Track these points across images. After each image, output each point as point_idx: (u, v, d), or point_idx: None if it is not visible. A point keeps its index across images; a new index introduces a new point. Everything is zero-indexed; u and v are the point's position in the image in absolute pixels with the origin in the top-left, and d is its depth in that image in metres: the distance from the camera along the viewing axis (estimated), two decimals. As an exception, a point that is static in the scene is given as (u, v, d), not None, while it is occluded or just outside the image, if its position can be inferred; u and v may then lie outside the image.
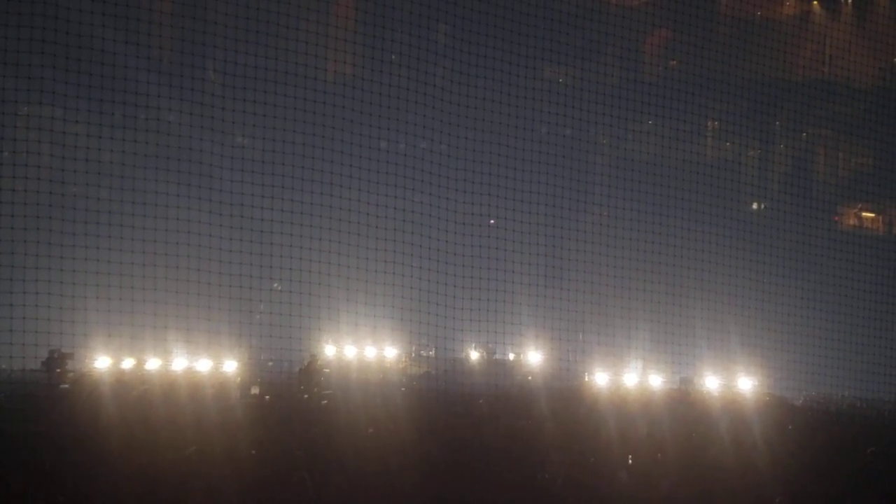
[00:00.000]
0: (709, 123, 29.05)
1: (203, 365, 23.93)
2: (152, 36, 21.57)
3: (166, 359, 23.74)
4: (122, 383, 22.76)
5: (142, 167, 21.46)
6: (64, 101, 20.13)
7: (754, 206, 30.25)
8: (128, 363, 23.62)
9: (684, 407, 24.72)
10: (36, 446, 17.23)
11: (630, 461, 20.11)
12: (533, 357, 28.06)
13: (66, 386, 22.28)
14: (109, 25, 20.78)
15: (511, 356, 28.33)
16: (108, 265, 20.02)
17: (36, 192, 19.46)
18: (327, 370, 25.28)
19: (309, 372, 23.95)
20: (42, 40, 19.64)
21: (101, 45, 20.76)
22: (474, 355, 27.99)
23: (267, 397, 23.33)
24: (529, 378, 27.93)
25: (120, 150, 20.73)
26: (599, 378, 25.92)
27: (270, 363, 24.88)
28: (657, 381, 26.23)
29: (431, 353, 27.67)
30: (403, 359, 27.58)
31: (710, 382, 26.35)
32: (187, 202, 21.10)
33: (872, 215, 32.26)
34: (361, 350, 26.96)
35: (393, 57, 24.10)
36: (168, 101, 21.43)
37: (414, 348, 27.81)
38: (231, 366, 24.23)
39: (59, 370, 22.23)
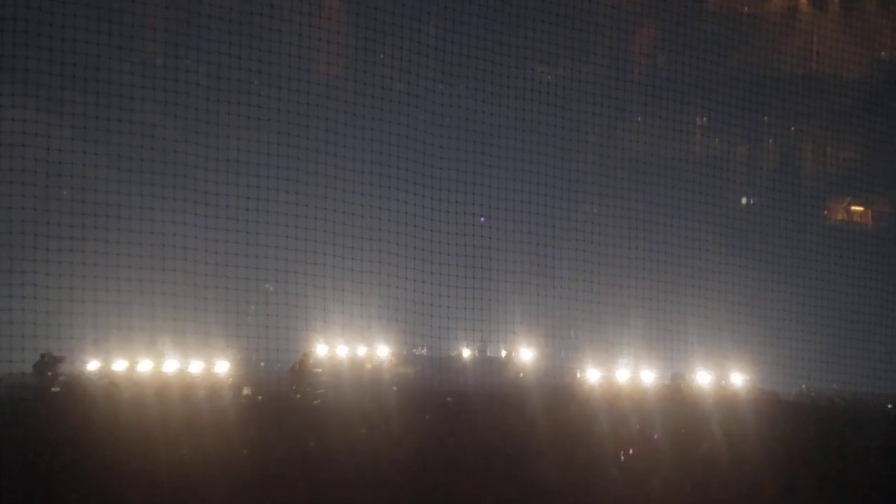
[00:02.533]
0: (697, 119, 29.07)
1: (195, 366, 23.95)
2: (135, 38, 21.57)
3: (158, 360, 23.76)
4: (114, 385, 22.81)
5: (127, 170, 21.49)
6: (48, 105, 20.15)
7: (743, 201, 30.28)
8: (119, 365, 23.63)
9: (676, 402, 24.79)
10: (28, 449, 17.29)
11: (622, 457, 20.18)
12: (525, 354, 28.08)
13: (58, 389, 22.33)
14: (93, 28, 20.80)
15: (503, 354, 28.34)
16: (95, 268, 20.06)
17: (21, 196, 19.49)
18: (319, 370, 25.31)
19: (301, 372, 24.00)
20: (25, 44, 19.70)
21: (86, 49, 20.78)
22: (466, 353, 28.01)
23: (259, 398, 23.38)
24: (521, 375, 27.96)
25: (105, 154, 20.74)
26: (591, 374, 25.97)
27: (262, 363, 24.92)
28: (649, 377, 26.28)
29: (423, 351, 27.70)
30: (395, 357, 27.59)
31: (702, 378, 26.41)
32: (172, 204, 21.12)
33: (861, 209, 32.30)
34: (353, 349, 26.98)
35: (381, 56, 24.12)
36: (153, 103, 21.45)
37: (405, 347, 27.83)
38: (223, 367, 24.24)
39: (50, 373, 22.26)
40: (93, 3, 20.53)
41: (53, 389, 22.18)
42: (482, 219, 24.70)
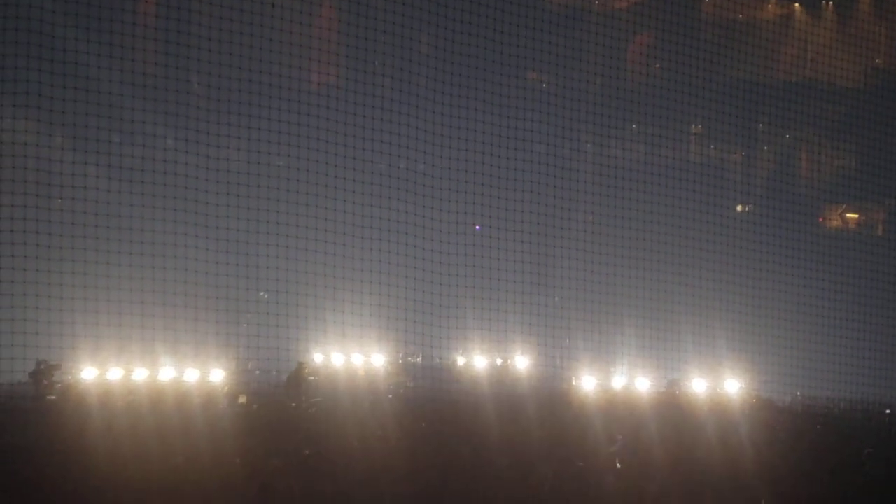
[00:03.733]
0: (692, 127, 29.16)
1: (190, 374, 23.90)
2: (136, 49, 21.62)
3: (153, 369, 23.72)
4: (110, 394, 22.78)
5: (127, 180, 21.52)
6: (50, 116, 20.16)
7: (739, 208, 30.38)
8: (115, 373, 23.60)
9: (672, 410, 24.82)
10: (24, 458, 17.28)
11: (618, 465, 20.21)
12: (520, 362, 28.09)
13: (53, 397, 22.30)
14: (95, 41, 20.83)
15: (498, 361, 28.35)
16: (95, 279, 20.08)
17: (23, 207, 19.52)
18: (314, 378, 25.28)
19: (296, 380, 23.98)
20: (28, 55, 19.72)
21: (87, 61, 20.81)
22: (461, 361, 28.00)
23: (255, 406, 23.38)
24: (517, 383, 27.96)
25: (106, 164, 20.77)
26: (587, 382, 25.98)
27: (258, 372, 24.91)
28: (645, 384, 26.30)
29: (418, 359, 27.69)
30: (390, 366, 27.58)
31: (698, 385, 26.43)
32: (173, 215, 21.13)
33: (856, 216, 32.41)
34: (349, 357, 26.97)
35: (376, 65, 24.16)
36: (154, 115, 21.49)
37: (401, 355, 27.82)
38: (218, 375, 24.21)
39: (45, 381, 22.24)
40: (92, 14, 20.56)
41: (49, 397, 22.16)
42: (477, 227, 24.72)
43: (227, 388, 24.07)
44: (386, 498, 17.56)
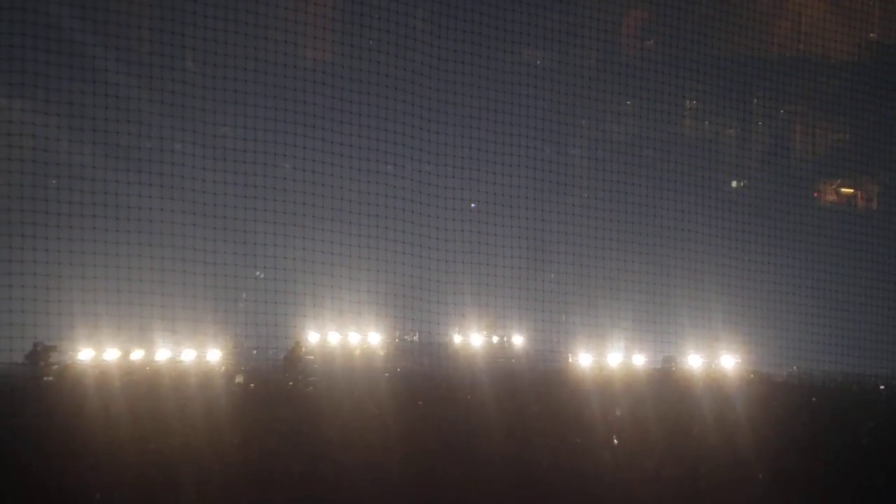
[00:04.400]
0: (686, 103, 29.10)
1: (187, 355, 23.90)
2: (126, 24, 21.50)
3: (150, 349, 23.71)
4: (107, 374, 22.75)
5: (124, 158, 21.46)
6: (46, 95, 20.07)
7: (734, 183, 30.37)
8: (112, 354, 23.56)
9: (668, 386, 24.85)
10: (21, 440, 17.25)
11: (615, 441, 20.24)
12: (517, 340, 28.14)
13: (50, 378, 22.26)
14: (91, 19, 20.73)
15: (495, 339, 28.38)
16: (92, 257, 20.03)
17: (20, 186, 19.45)
18: (311, 357, 25.30)
19: (293, 359, 23.98)
20: (23, 34, 19.63)
21: (82, 39, 20.74)
22: (458, 339, 28.02)
23: (252, 385, 23.37)
24: (513, 361, 28.02)
25: (102, 142, 20.69)
26: (583, 359, 26.01)
27: (254, 351, 24.90)
28: (640, 360, 26.34)
29: (415, 337, 27.71)
30: (387, 344, 27.60)
31: (694, 361, 26.47)
32: (170, 193, 21.09)
33: (851, 191, 32.43)
34: (345, 336, 26.98)
35: (371, 42, 24.08)
36: (149, 91, 21.39)
37: (398, 333, 27.83)
38: (215, 355, 24.20)
39: (42, 363, 22.17)
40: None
41: (46, 379, 22.10)
42: (472, 205, 24.71)
43: (223, 367, 24.07)
44: (385, 477, 17.57)
